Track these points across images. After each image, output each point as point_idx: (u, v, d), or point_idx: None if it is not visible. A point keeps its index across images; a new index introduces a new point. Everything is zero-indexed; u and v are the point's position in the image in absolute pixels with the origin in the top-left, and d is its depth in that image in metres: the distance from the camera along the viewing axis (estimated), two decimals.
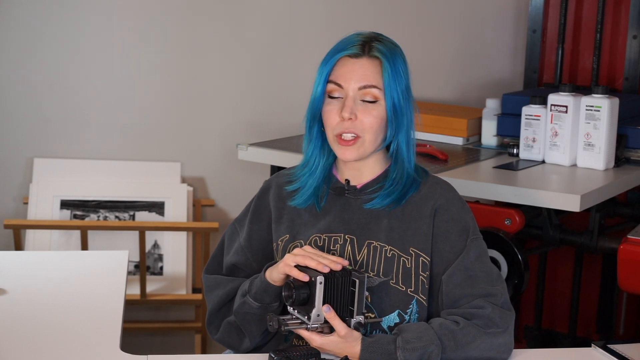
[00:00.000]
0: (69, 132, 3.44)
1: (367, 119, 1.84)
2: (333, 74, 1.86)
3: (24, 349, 1.84)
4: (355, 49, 1.85)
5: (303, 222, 1.92)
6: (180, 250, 3.39)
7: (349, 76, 1.84)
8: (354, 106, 1.84)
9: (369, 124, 1.84)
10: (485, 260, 1.87)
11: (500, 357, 1.81)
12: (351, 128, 1.84)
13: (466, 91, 3.66)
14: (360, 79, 1.84)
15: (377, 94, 1.84)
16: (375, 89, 1.84)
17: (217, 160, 3.54)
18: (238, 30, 3.49)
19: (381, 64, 1.84)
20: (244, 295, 1.87)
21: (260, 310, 1.86)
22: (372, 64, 1.85)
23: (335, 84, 1.85)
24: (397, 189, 1.88)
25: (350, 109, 1.83)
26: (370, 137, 1.85)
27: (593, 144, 2.77)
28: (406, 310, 1.85)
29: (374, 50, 1.85)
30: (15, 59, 3.36)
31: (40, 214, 3.32)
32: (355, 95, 1.84)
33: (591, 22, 3.37)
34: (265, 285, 1.84)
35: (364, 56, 1.85)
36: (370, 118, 1.84)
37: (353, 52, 1.85)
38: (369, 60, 1.85)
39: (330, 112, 1.86)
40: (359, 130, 1.84)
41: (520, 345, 3.33)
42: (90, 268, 2.34)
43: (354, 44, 1.86)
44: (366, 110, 1.84)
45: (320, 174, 1.92)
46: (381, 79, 1.84)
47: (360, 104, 1.85)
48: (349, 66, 1.85)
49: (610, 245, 2.69)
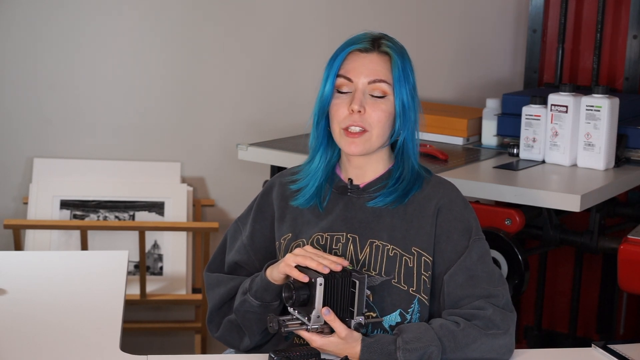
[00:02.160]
0: (69, 132, 3.43)
1: (375, 113, 1.84)
2: (343, 68, 1.86)
3: (24, 349, 1.84)
4: (365, 43, 1.86)
5: (305, 220, 1.92)
6: (180, 250, 3.39)
7: (359, 70, 1.85)
8: (363, 99, 1.84)
9: (377, 118, 1.84)
10: (487, 261, 1.87)
11: (500, 358, 1.80)
12: (359, 121, 1.84)
13: (466, 91, 3.66)
14: (370, 73, 1.84)
15: (386, 89, 1.85)
16: (384, 84, 1.85)
17: (217, 160, 3.53)
18: (238, 31, 3.49)
19: (391, 59, 1.85)
20: (245, 294, 1.87)
21: (261, 308, 1.86)
22: (381, 59, 1.86)
23: (345, 77, 1.85)
24: (400, 187, 1.88)
25: (360, 102, 1.84)
26: (377, 131, 1.85)
27: (593, 144, 2.77)
28: (408, 309, 1.85)
29: (384, 46, 1.86)
30: (15, 59, 3.36)
31: (40, 214, 3.32)
32: (364, 89, 1.85)
33: (591, 22, 3.37)
34: (266, 284, 1.84)
35: (374, 51, 1.86)
36: (379, 112, 1.84)
37: (363, 47, 1.86)
38: (379, 56, 1.86)
39: (339, 106, 1.86)
40: (367, 124, 1.84)
41: (521, 345, 3.33)
42: (90, 268, 2.34)
43: (364, 40, 1.87)
44: (375, 105, 1.85)
45: (322, 173, 1.92)
46: (390, 74, 1.85)
47: (370, 98, 1.85)
48: (359, 60, 1.85)
49: (611, 245, 2.68)
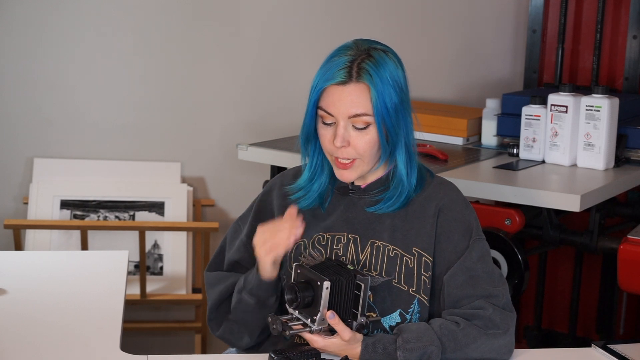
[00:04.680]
0: (68, 132, 3.43)
1: (360, 143, 1.82)
2: (322, 101, 1.82)
3: (24, 349, 1.84)
4: (341, 75, 1.80)
5: (306, 221, 1.92)
6: (180, 250, 3.39)
7: (337, 104, 1.81)
8: (346, 133, 1.82)
9: (362, 149, 1.83)
10: (487, 261, 1.87)
11: (500, 358, 1.81)
12: (346, 154, 1.83)
13: (466, 91, 3.66)
14: (349, 107, 1.80)
15: (367, 120, 1.81)
16: (365, 116, 1.81)
17: (217, 160, 3.53)
18: (238, 31, 3.49)
19: (369, 89, 1.80)
20: (240, 292, 1.88)
21: (258, 306, 1.86)
22: (359, 89, 1.80)
23: (325, 111, 1.83)
24: (399, 199, 1.87)
25: (342, 138, 1.81)
26: (367, 158, 1.84)
27: (593, 144, 2.77)
28: (408, 310, 1.85)
29: (362, 73, 1.80)
30: (15, 59, 3.36)
31: (40, 214, 3.32)
32: (346, 123, 1.82)
33: (591, 22, 3.37)
34: (259, 281, 1.84)
35: (352, 82, 1.80)
36: (363, 143, 1.82)
37: (340, 80, 1.80)
38: (356, 86, 1.80)
39: (324, 137, 1.84)
40: (354, 154, 1.83)
41: (520, 345, 3.33)
42: (90, 268, 2.34)
43: (341, 68, 1.80)
44: (359, 136, 1.82)
45: (326, 178, 1.92)
46: (370, 103, 1.80)
47: (353, 129, 1.82)
48: (337, 94, 1.81)
49: (610, 245, 2.68)
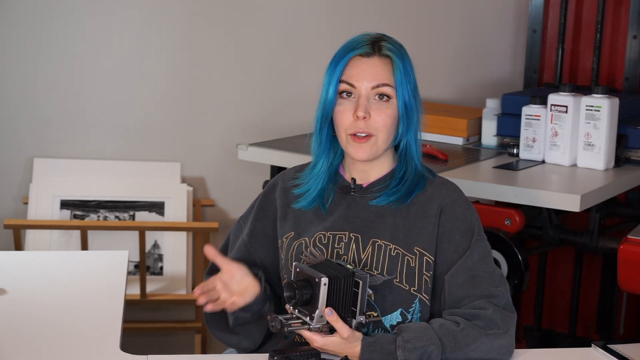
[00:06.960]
0: (69, 133, 3.43)
1: (380, 117, 1.84)
2: (345, 74, 1.85)
3: (24, 349, 1.84)
4: (366, 48, 1.85)
5: (308, 220, 1.92)
6: (180, 250, 3.39)
7: (361, 75, 1.84)
8: (368, 105, 1.84)
9: (382, 123, 1.84)
10: (488, 261, 1.87)
11: (500, 358, 1.80)
12: (365, 127, 1.84)
13: (466, 91, 3.66)
14: (373, 78, 1.84)
15: (389, 92, 1.85)
16: (388, 87, 1.84)
17: (217, 160, 3.53)
18: (238, 31, 3.49)
19: (392, 62, 1.85)
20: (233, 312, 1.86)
21: (255, 317, 1.87)
22: (383, 62, 1.85)
23: (347, 83, 1.85)
24: (403, 187, 1.88)
25: (365, 108, 1.83)
26: (383, 136, 1.85)
27: (593, 144, 2.77)
28: (409, 309, 1.85)
29: (385, 49, 1.85)
30: (15, 59, 3.36)
31: (40, 214, 3.32)
32: (368, 95, 1.84)
33: (591, 22, 3.37)
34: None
35: (375, 55, 1.85)
36: (384, 116, 1.84)
37: (364, 51, 1.85)
38: (380, 59, 1.85)
39: (343, 112, 1.86)
40: (373, 129, 1.84)
41: (520, 345, 3.33)
42: (90, 268, 2.34)
43: (364, 43, 1.86)
44: (379, 109, 1.84)
45: (325, 176, 1.92)
46: (393, 77, 1.85)
47: (374, 103, 1.85)
48: (362, 65, 1.85)
49: (610, 245, 2.68)
